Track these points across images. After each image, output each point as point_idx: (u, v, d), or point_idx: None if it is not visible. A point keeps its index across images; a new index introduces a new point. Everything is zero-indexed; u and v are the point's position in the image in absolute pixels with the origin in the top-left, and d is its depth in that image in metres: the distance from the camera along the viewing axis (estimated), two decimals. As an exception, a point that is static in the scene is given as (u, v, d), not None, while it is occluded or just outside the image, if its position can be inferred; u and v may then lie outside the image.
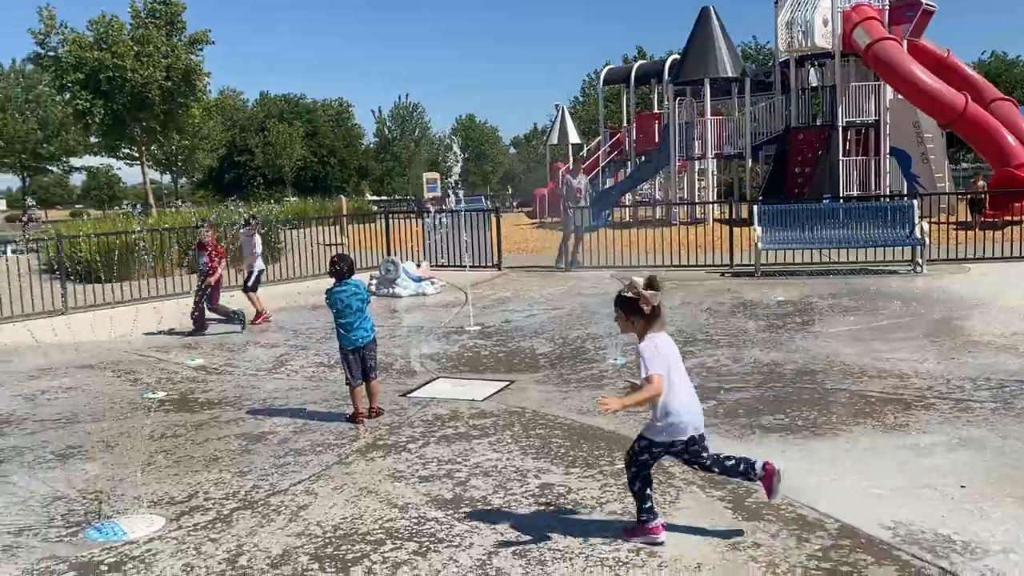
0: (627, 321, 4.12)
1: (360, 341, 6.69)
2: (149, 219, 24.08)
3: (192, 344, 10.39)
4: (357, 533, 4.48)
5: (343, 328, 6.68)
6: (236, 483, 5.36)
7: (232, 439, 6.33)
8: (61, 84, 35.48)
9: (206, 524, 4.70)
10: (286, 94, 70.36)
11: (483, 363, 8.68)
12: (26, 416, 7.25)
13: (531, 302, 12.61)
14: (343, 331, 6.68)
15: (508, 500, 4.84)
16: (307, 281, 15.93)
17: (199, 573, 4.07)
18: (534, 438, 6.01)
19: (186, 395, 7.86)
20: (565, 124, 38.68)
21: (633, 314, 4.07)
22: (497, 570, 3.95)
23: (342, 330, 6.69)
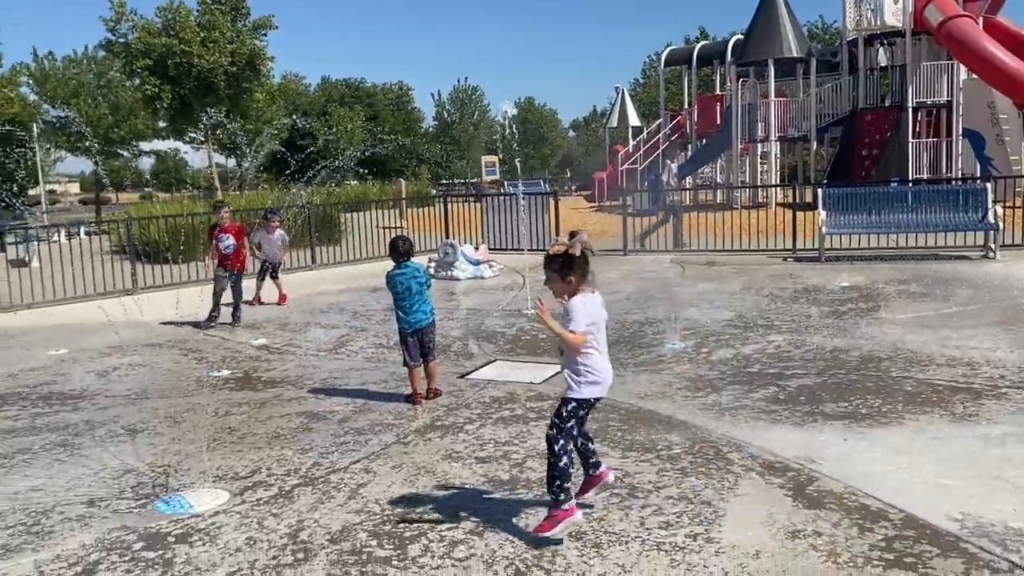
0: (563, 282, 4.04)
1: (418, 324, 6.74)
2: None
3: (255, 324, 10.61)
4: (415, 511, 4.53)
5: (402, 310, 6.73)
6: (297, 460, 5.47)
7: (294, 417, 6.46)
8: (131, 70, 36.41)
9: (268, 499, 4.81)
10: (347, 78, 71.06)
11: (540, 346, 8.68)
12: (98, 392, 7.51)
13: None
14: (402, 313, 6.74)
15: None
16: (366, 264, 16.14)
17: (262, 547, 4.17)
18: (590, 421, 5.94)
19: (249, 374, 8.04)
20: (625, 106, 38.26)
21: (569, 271, 4.01)
22: (553, 552, 3.96)
23: (401, 312, 6.74)
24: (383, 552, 4.05)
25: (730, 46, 30.25)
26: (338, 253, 17.09)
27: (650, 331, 9.10)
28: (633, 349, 8.30)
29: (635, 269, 14.02)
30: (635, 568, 3.78)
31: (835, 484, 4.65)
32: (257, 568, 3.94)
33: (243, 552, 4.12)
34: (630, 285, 12.35)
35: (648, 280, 12.75)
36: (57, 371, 8.34)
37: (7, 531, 4.49)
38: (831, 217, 14.47)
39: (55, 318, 11.46)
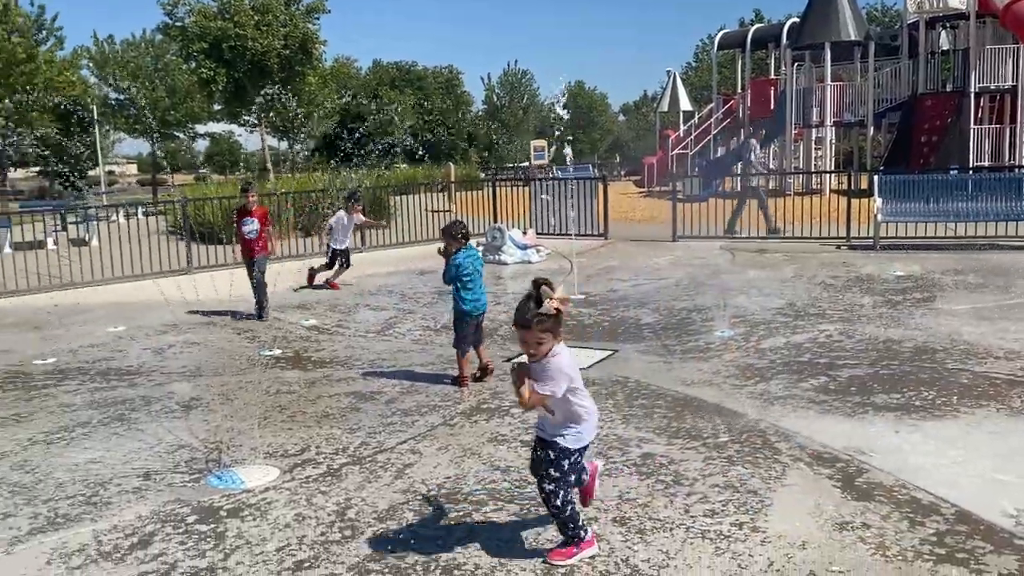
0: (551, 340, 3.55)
1: (483, 307, 6.77)
2: (268, 184, 24.99)
3: (306, 305, 10.77)
4: (460, 492, 4.58)
5: (468, 293, 6.67)
6: (346, 439, 5.56)
7: (342, 397, 6.56)
8: (187, 53, 37.11)
9: (317, 477, 4.90)
10: (398, 62, 71.43)
11: (587, 332, 8.66)
12: (154, 368, 7.70)
13: (637, 272, 12.48)
14: (468, 296, 6.67)
15: (609, 468, 4.84)
16: (415, 247, 16.26)
17: (310, 523, 4.25)
18: (636, 408, 5.97)
19: (300, 353, 8.17)
20: (676, 90, 37.78)
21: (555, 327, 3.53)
22: (597, 536, 3.97)
23: (467, 295, 6.66)
24: (428, 532, 4.10)
25: (785, 29, 29.65)
26: (386, 236, 17.23)
27: (698, 318, 9.02)
28: (680, 336, 8.24)
29: (684, 256, 13.89)
30: (679, 555, 3.77)
31: (885, 476, 4.57)
32: (305, 544, 4.02)
33: (292, 528, 4.21)
34: (679, 272, 12.25)
35: (697, 267, 12.62)
36: (115, 347, 8.58)
37: (67, 501, 4.64)
38: (887, 204, 14.14)
39: (113, 296, 11.76)
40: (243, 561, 3.86)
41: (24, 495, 4.74)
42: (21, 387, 7.15)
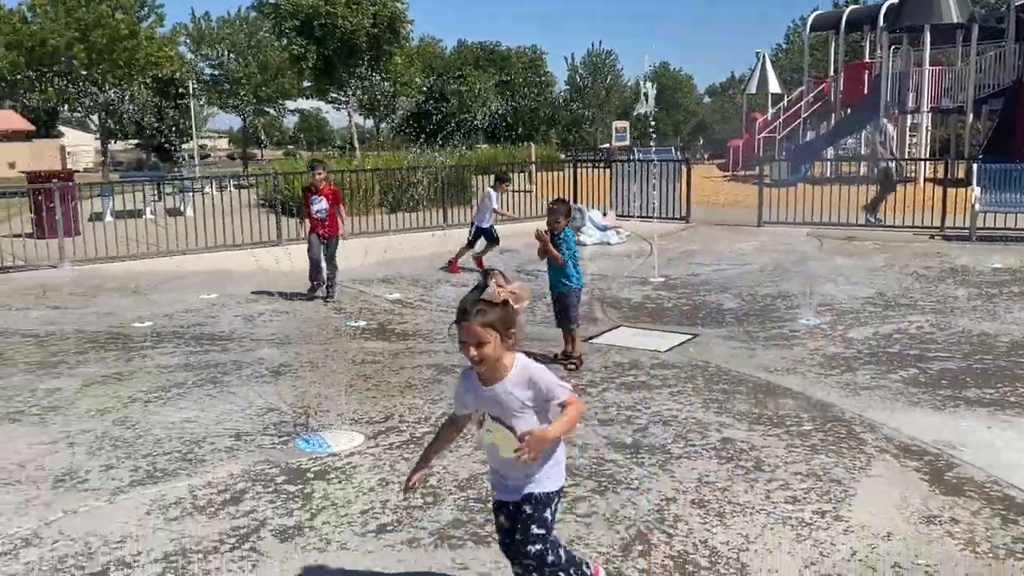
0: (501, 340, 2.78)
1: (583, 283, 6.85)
2: (355, 161, 25.46)
3: (389, 279, 10.97)
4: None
5: (574, 270, 6.68)
6: (428, 409, 5.67)
7: (424, 369, 6.69)
8: (279, 30, 37.95)
9: (400, 444, 5.03)
10: (482, 42, 71.51)
11: (666, 315, 8.60)
12: (245, 335, 7.99)
13: (719, 256, 12.30)
14: (575, 273, 6.69)
15: (688, 450, 4.83)
16: (496, 225, 16.30)
17: (394, 488, 4.37)
18: (717, 392, 5.92)
19: (384, 325, 8.35)
20: (766, 72, 36.86)
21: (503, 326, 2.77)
22: (675, 517, 3.98)
23: (574, 271, 6.69)
24: (507, 503, 4.16)
25: (883, 11, 28.51)
26: (467, 214, 17.36)
27: (783, 305, 8.85)
28: (764, 322, 8.11)
29: (769, 241, 13.60)
30: (759, 540, 3.74)
31: (976, 472, 4.43)
32: (389, 508, 4.14)
33: (376, 492, 4.34)
34: (764, 257, 12.02)
35: (783, 253, 12.36)
36: (208, 314, 8.92)
37: (165, 457, 4.88)
38: (986, 194, 13.56)
39: (206, 264, 12.21)
40: (329, 521, 4.01)
41: (125, 449, 5.01)
42: (121, 348, 7.51)
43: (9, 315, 8.98)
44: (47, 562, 3.65)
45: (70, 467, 4.71)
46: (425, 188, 18.04)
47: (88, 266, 12.10)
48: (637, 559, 3.59)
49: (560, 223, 6.64)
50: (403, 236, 14.43)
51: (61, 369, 6.80)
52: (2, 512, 4.15)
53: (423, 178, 18.22)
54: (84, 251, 12.48)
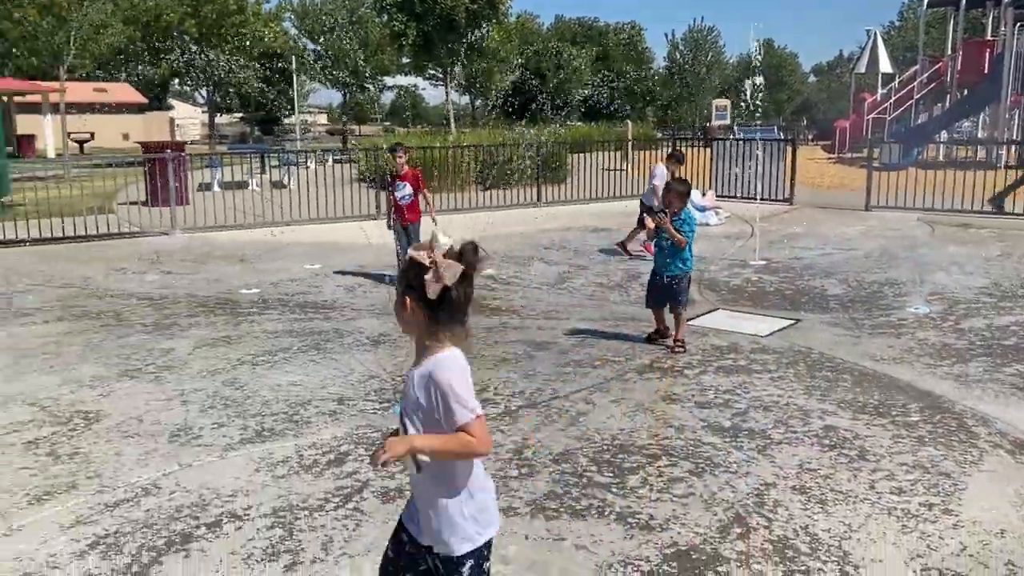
0: (409, 309, 2.27)
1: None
2: (450, 137, 25.69)
3: (482, 256, 11.03)
4: (634, 445, 4.62)
5: (689, 253, 6.55)
6: (522, 384, 5.72)
7: (518, 344, 6.73)
8: (380, 6, 38.46)
9: (496, 416, 5.09)
10: (580, 17, 70.93)
11: (767, 299, 8.41)
12: (345, 304, 8.20)
13: (824, 240, 11.92)
14: (690, 256, 6.56)
15: (788, 436, 4.73)
16: (589, 204, 16.26)
17: (489, 458, 4.42)
18: (819, 379, 5.77)
19: (478, 300, 8.41)
20: (876, 51, 35.27)
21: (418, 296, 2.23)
22: (775, 502, 3.91)
23: (689, 255, 6.55)
24: (603, 479, 4.18)
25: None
26: (561, 192, 17.34)
27: (890, 292, 8.53)
28: (870, 310, 7.83)
29: (877, 226, 13.10)
30: (862, 529, 3.65)
31: (1102, 474, 4.20)
32: (485, 477, 4.20)
33: (472, 461, 4.41)
34: (871, 243, 11.58)
35: (891, 239, 11.88)
36: (311, 283, 9.19)
37: (272, 417, 5.08)
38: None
39: (309, 236, 12.56)
40: (427, 487, 4.09)
41: (235, 408, 5.23)
42: (230, 312, 7.82)
43: (126, 278, 9.47)
44: (164, 511, 3.86)
45: (184, 423, 4.96)
46: (520, 166, 18.06)
47: (197, 234, 12.62)
48: (735, 541, 3.55)
49: (677, 204, 6.45)
50: (497, 213, 14.52)
51: (174, 331, 7.13)
52: (124, 462, 4.41)
53: (521, 155, 18.24)
54: (193, 219, 13.01)
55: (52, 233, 11.81)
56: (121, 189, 16.80)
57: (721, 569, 3.34)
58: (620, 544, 3.53)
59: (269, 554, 3.48)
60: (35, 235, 11.73)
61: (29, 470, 4.30)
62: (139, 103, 52.49)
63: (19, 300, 8.35)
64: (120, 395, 5.47)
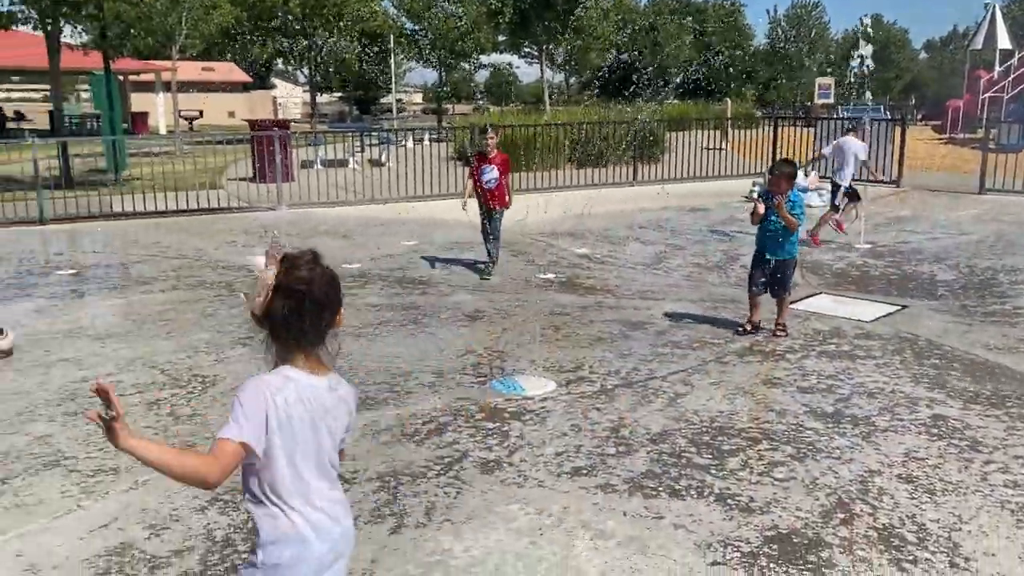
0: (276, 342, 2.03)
1: None
2: (545, 116, 25.68)
3: (577, 233, 11.05)
4: (733, 428, 4.58)
5: (797, 237, 6.31)
6: (617, 363, 5.73)
7: (613, 324, 6.73)
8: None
9: (591, 394, 5.12)
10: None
11: (872, 283, 8.15)
12: (442, 281, 8.35)
13: (933, 224, 11.45)
14: (796, 239, 6.31)
15: (894, 424, 4.60)
16: (687, 184, 16.01)
17: (586, 435, 4.48)
18: (927, 367, 5.57)
19: (572, 279, 8.46)
20: (995, 26, 33.37)
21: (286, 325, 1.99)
22: (880, 489, 3.82)
23: (796, 239, 6.30)
24: (702, 460, 4.16)
25: None
26: (658, 171, 17.12)
27: (1006, 280, 8.14)
28: (983, 297, 7.51)
29: (992, 210, 12.48)
30: (973, 521, 3.53)
31: None
32: (583, 453, 4.25)
33: (569, 436, 4.46)
34: (985, 228, 11.05)
35: (1008, 224, 11.31)
36: (409, 259, 9.38)
37: (375, 386, 5.24)
38: None
39: (407, 212, 12.80)
40: (526, 460, 4.17)
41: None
42: (333, 286, 8.06)
43: (236, 251, 9.87)
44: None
45: (293, 390, 5.16)
46: (616, 144, 17.90)
47: (301, 209, 13.02)
48: (838, 527, 3.50)
49: (786, 187, 6.09)
50: (592, 191, 14.45)
51: (281, 302, 7.39)
52: (238, 424, 4.63)
53: (617, 133, 18.08)
54: (298, 195, 13.43)
55: (167, 206, 12.39)
56: (229, 165, 17.45)
57: (823, 554, 3.29)
58: (720, 524, 3.52)
59: (375, 516, 3.62)
60: (150, 208, 12.33)
61: (152, 429, 4.57)
62: (244, 82, 54.27)
63: (137, 270, 8.83)
64: (233, 361, 5.74)
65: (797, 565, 3.22)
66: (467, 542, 3.40)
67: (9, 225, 11.38)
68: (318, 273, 2.00)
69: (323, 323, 2.05)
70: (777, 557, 3.28)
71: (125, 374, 5.48)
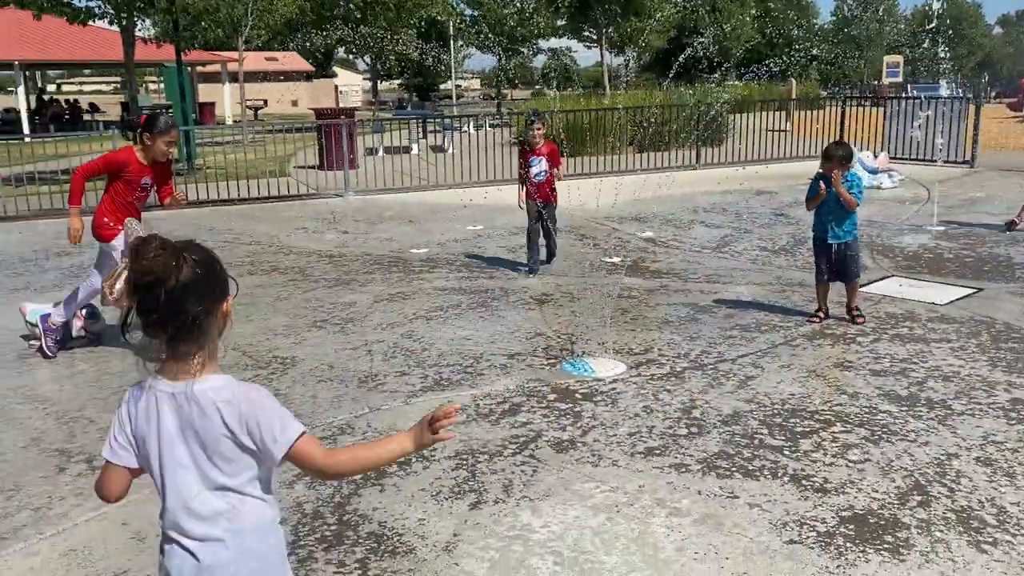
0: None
1: None
2: (605, 100, 25.56)
3: (642, 217, 11.04)
4: (805, 410, 4.59)
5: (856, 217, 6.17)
6: (686, 346, 5.76)
7: (680, 307, 6.75)
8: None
9: (661, 376, 5.17)
10: (740, -28, 68.11)
11: (945, 266, 7.99)
12: (508, 264, 8.45)
13: (1010, 205, 11.08)
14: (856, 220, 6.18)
15: (972, 408, 4.55)
16: (751, 166, 15.79)
17: (658, 416, 4.54)
18: (1005, 351, 5.48)
19: (638, 263, 8.48)
20: (1076, -2, 32.00)
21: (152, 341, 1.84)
22: (957, 472, 3.81)
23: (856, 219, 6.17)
24: (775, 441, 4.19)
25: None
26: (720, 154, 16.94)
27: (1088, 262, 7.90)
28: (1063, 279, 7.30)
29: (1070, 191, 12.06)
30: (1056, 505, 3.50)
31: None
32: (655, 433, 4.31)
33: (640, 417, 4.53)
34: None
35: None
36: (475, 244, 9.51)
37: (448, 368, 5.38)
38: None
39: (470, 198, 12.93)
40: (599, 440, 4.25)
41: (415, 359, 5.57)
42: (403, 270, 8.25)
43: (307, 236, 10.13)
44: (358, 448, 4.20)
45: (370, 371, 5.34)
46: (679, 127, 17.76)
47: (366, 196, 13.26)
48: (916, 509, 3.50)
49: (837, 168, 5.98)
50: (654, 175, 14.36)
51: (354, 286, 7.61)
52: (320, 404, 4.82)
53: (680, 117, 17.93)
54: (365, 182, 13.67)
55: (239, 194, 12.75)
56: (295, 153, 17.83)
57: (900, 535, 3.31)
58: (794, 504, 3.56)
59: (455, 492, 3.74)
60: (223, 196, 12.70)
61: (239, 407, 4.77)
62: (306, 71, 55.15)
63: (215, 255, 9.13)
64: (311, 343, 5.94)
65: (875, 545, 3.24)
66: (545, 518, 3.50)
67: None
68: (164, 261, 1.72)
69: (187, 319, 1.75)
70: (854, 537, 3.30)
71: (210, 355, 5.71)
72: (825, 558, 3.16)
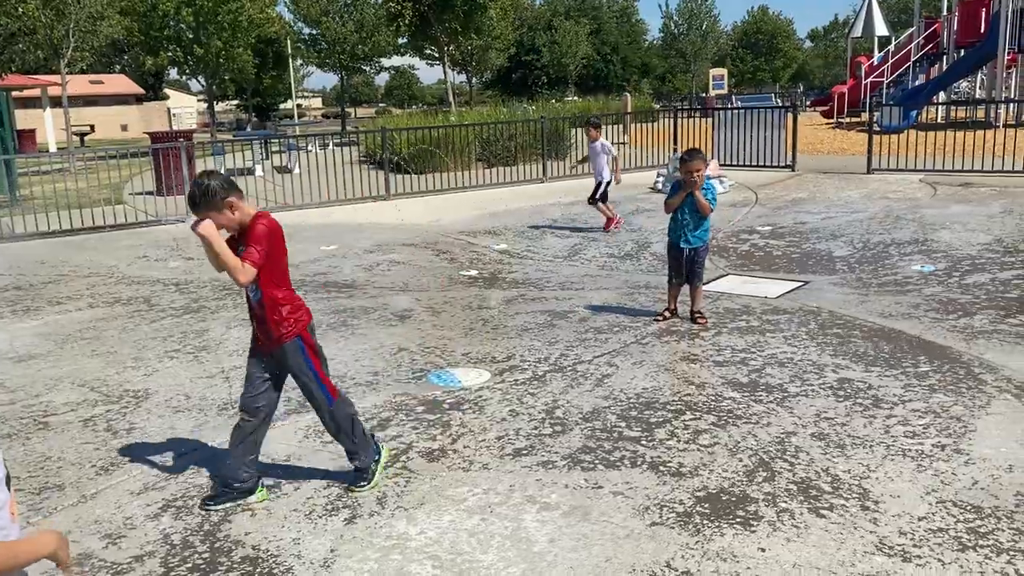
0: None
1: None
2: (451, 116, 25.81)
3: (495, 231, 11.28)
4: (658, 402, 4.88)
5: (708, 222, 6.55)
6: (546, 351, 5.97)
7: (538, 314, 6.97)
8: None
9: (524, 381, 5.34)
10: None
11: (775, 263, 8.64)
12: (367, 283, 8.44)
13: (828, 204, 12.13)
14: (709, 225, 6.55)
15: (805, 389, 4.98)
16: (591, 178, 16.37)
17: (523, 418, 4.69)
18: (831, 336, 6.01)
19: (495, 274, 8.68)
20: (872, 14, 35.24)
21: None
22: (796, 448, 4.17)
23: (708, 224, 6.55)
24: (632, 433, 4.44)
25: (1004, -58, 26.82)
26: (564, 167, 17.51)
27: (895, 252, 8.76)
28: (876, 269, 8.07)
29: (879, 188, 13.29)
30: (879, 469, 3.90)
31: (1103, 412, 4.45)
32: (522, 435, 4.46)
33: (508, 421, 4.67)
34: (874, 205, 11.79)
35: (894, 200, 12.09)
36: (330, 264, 9.42)
37: (312, 389, 5.32)
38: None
39: (320, 218, 12.77)
40: (469, 446, 4.36)
41: (276, 382, 5.47)
42: (256, 294, 8.04)
43: (150, 265, 9.71)
44: (225, 476, 4.11)
45: (230, 397, 5.21)
46: (524, 141, 18.22)
47: (212, 221, 12.80)
48: (762, 484, 3.81)
49: (701, 171, 6.35)
50: (503, 190, 14.71)
51: (204, 313, 7.38)
52: (179, 434, 4.67)
53: (522, 131, 18.38)
54: (208, 206, 13.18)
55: (71, 225, 12.03)
56: (129, 180, 16.98)
57: (750, 508, 3.60)
58: (654, 489, 3.79)
59: (329, 510, 3.74)
60: (54, 227, 11.95)
61: (92, 444, 4.56)
62: (136, 94, 52.48)
63: (49, 290, 8.60)
64: (164, 374, 5.73)
65: (728, 520, 3.51)
66: (422, 525, 3.57)
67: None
68: None
69: None
70: (709, 514, 3.56)
71: (54, 394, 5.41)
72: (685, 536, 3.40)
